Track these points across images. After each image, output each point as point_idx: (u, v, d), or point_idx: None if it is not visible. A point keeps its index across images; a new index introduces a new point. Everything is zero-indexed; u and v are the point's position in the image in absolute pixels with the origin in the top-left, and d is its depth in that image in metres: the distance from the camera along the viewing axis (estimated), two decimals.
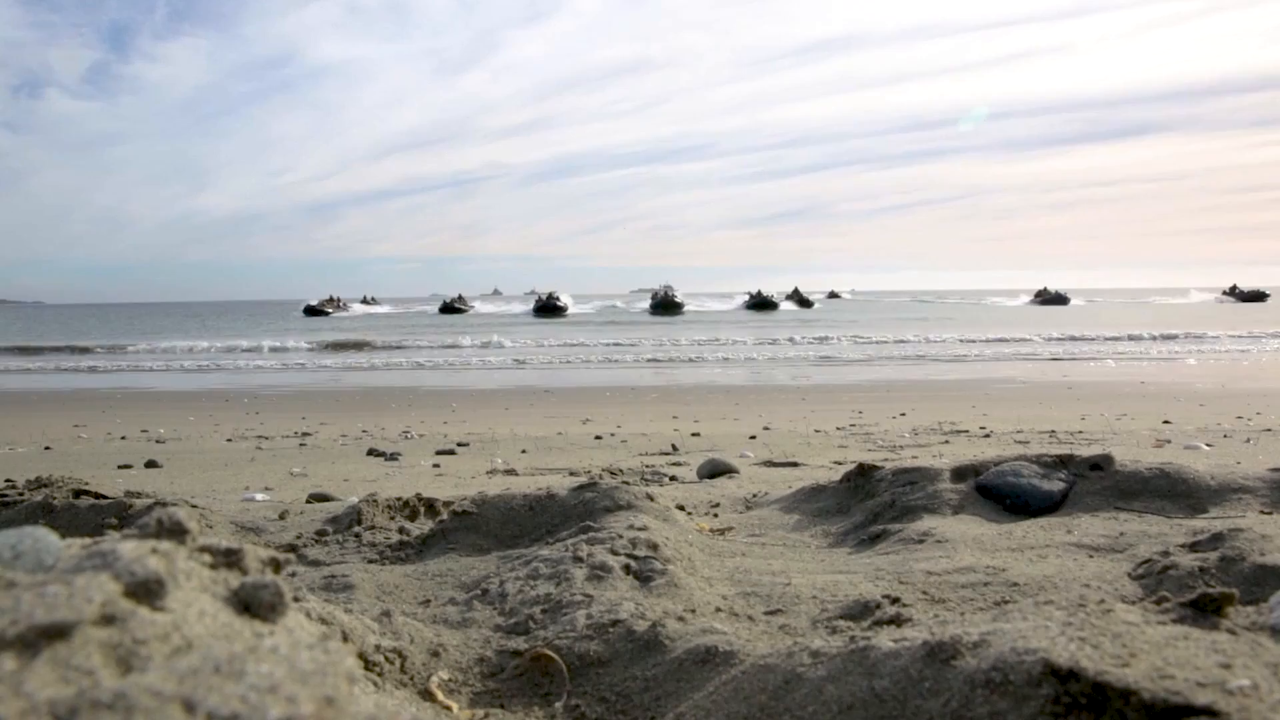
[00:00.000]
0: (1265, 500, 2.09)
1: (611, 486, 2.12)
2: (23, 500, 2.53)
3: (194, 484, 4.22)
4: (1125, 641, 0.85)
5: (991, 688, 0.83)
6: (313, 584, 1.74)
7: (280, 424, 8.39)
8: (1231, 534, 1.58)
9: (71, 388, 15.11)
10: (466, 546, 2.00)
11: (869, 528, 2.13)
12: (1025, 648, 0.86)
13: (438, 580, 1.77)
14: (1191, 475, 2.20)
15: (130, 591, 0.64)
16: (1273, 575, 1.40)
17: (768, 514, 2.44)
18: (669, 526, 1.97)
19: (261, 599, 0.72)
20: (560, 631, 1.39)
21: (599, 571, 1.61)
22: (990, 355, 18.97)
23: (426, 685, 1.26)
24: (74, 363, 21.42)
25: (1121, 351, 19.21)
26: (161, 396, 13.44)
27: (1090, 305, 56.91)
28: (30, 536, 0.72)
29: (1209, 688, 0.76)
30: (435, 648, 1.36)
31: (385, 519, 2.21)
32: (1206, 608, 0.99)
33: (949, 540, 1.89)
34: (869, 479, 2.44)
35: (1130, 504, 2.13)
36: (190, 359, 22.20)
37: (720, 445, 5.67)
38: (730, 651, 1.22)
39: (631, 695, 1.22)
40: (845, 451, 5.22)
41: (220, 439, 7.08)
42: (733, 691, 1.09)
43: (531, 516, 2.09)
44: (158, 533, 0.75)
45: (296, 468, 4.92)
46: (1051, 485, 2.22)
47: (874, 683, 0.93)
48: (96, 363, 21.54)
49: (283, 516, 2.48)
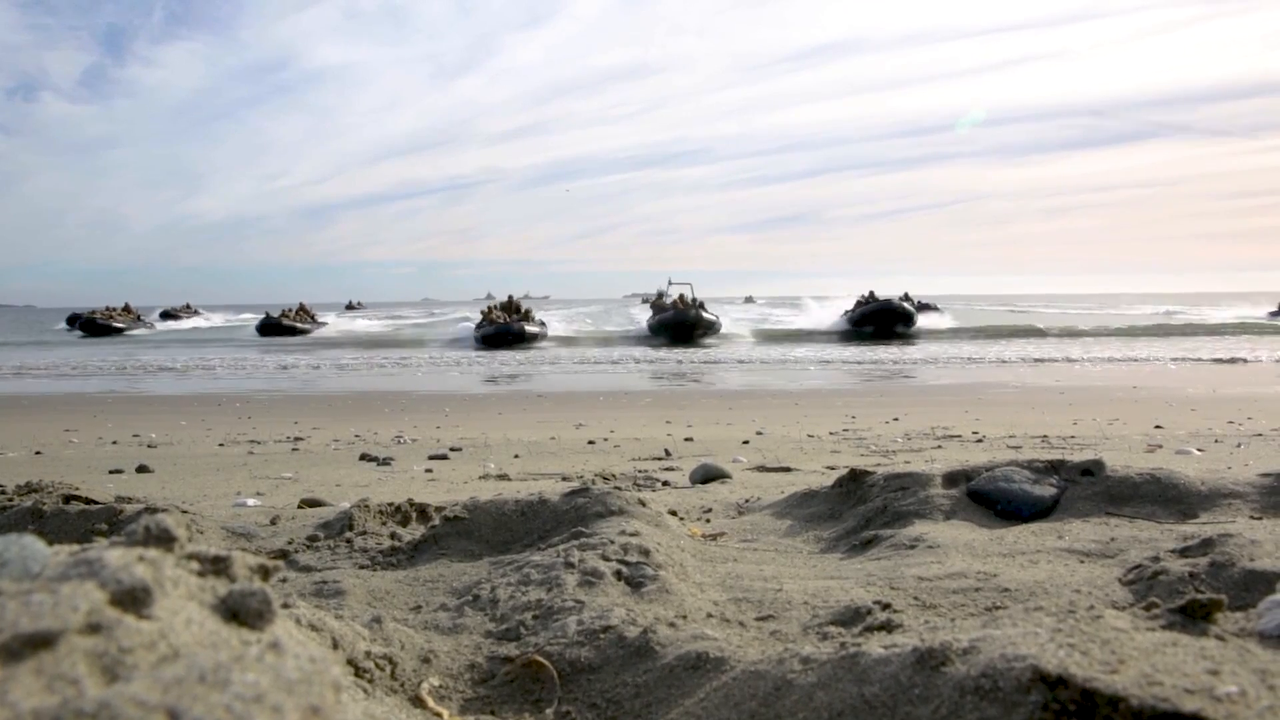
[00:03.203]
0: (1255, 505, 2.10)
1: (603, 492, 2.12)
2: (12, 506, 2.51)
3: (185, 489, 4.20)
4: (1114, 648, 0.86)
5: (981, 695, 0.83)
6: (303, 590, 1.73)
7: (272, 428, 8.36)
8: (1221, 539, 1.59)
9: (63, 392, 15.04)
10: (458, 552, 2.00)
11: (861, 533, 2.14)
12: (1015, 654, 0.86)
13: (429, 586, 1.77)
14: (1182, 480, 2.21)
15: (116, 600, 0.64)
16: (1262, 581, 1.41)
17: (760, 519, 2.44)
18: (661, 532, 1.97)
19: (249, 607, 0.72)
20: (551, 638, 1.39)
21: (590, 577, 1.61)
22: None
23: (417, 692, 1.26)
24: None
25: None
26: (153, 401, 13.39)
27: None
28: (17, 544, 0.72)
29: (1197, 694, 0.76)
30: (426, 654, 1.36)
31: (377, 524, 2.21)
32: (1196, 614, 1.00)
33: (940, 546, 1.89)
34: (861, 484, 2.45)
35: (1121, 509, 2.13)
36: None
37: (713, 450, 5.67)
38: (721, 658, 1.22)
39: (622, 702, 1.22)
40: (838, 456, 5.23)
41: (212, 443, 7.05)
42: (723, 698, 1.08)
43: (523, 522, 2.09)
44: (145, 540, 0.75)
45: (288, 473, 4.90)
46: (1043, 491, 2.22)
47: (864, 689, 0.93)
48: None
49: (274, 522, 2.48)
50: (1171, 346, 23.06)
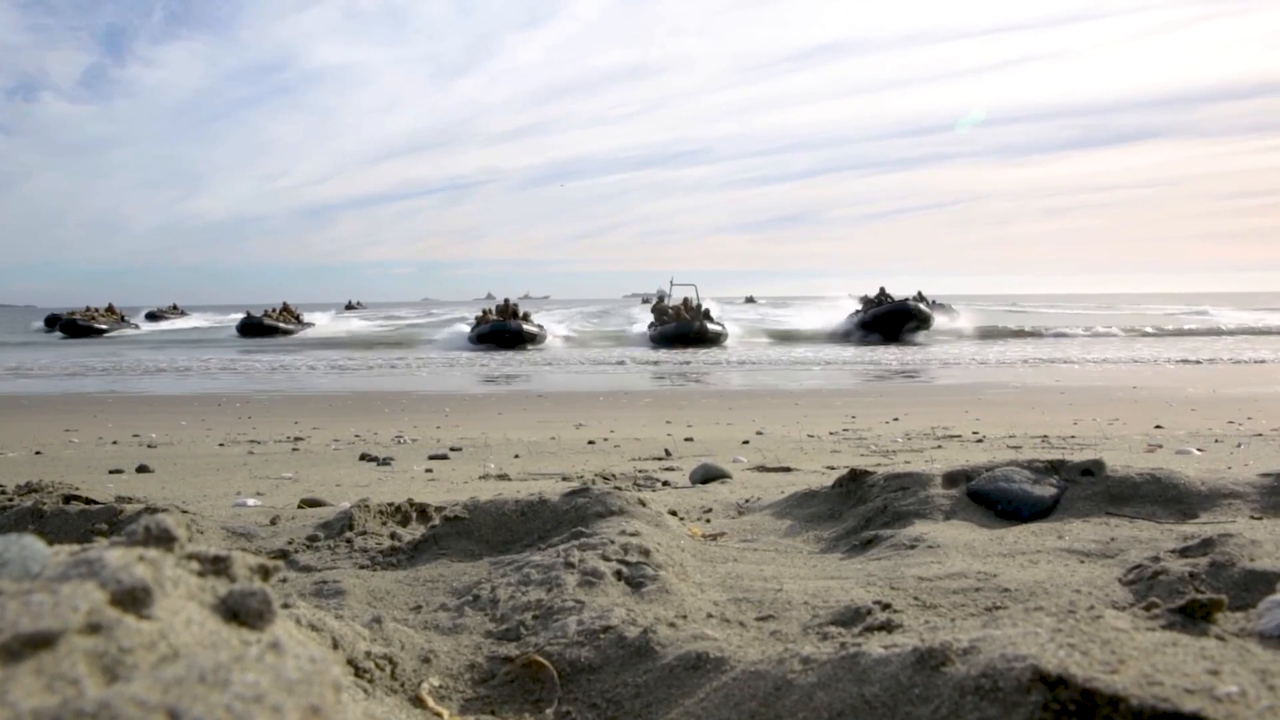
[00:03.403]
0: (1255, 505, 2.10)
1: (604, 492, 2.12)
2: (12, 506, 2.51)
3: (185, 489, 4.20)
4: (1114, 648, 0.86)
5: (981, 695, 0.83)
6: (304, 590, 1.73)
7: (272, 428, 8.36)
8: (1221, 539, 1.59)
9: (63, 391, 15.04)
10: (458, 552, 2.00)
11: (861, 533, 2.14)
12: (1015, 654, 0.86)
13: (429, 586, 1.77)
14: (1182, 480, 2.21)
15: (116, 600, 0.64)
16: (1262, 581, 1.41)
17: (760, 519, 2.44)
18: (661, 532, 1.97)
19: (249, 607, 0.72)
20: (551, 638, 1.39)
21: (590, 577, 1.61)
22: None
23: (417, 692, 1.26)
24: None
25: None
26: (154, 400, 13.39)
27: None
28: (17, 544, 0.72)
29: (1197, 694, 0.76)
30: (426, 654, 1.36)
31: (377, 524, 2.21)
32: (1196, 614, 1.00)
33: (941, 546, 1.89)
34: (861, 484, 2.45)
35: (1121, 509, 2.13)
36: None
37: (713, 450, 5.67)
38: (721, 658, 1.22)
39: (622, 702, 1.22)
40: (838, 456, 5.23)
41: (212, 443, 7.05)
42: (723, 698, 1.08)
43: (523, 522, 2.09)
44: (145, 540, 0.75)
45: (288, 472, 4.90)
46: (1043, 491, 2.22)
47: (864, 689, 0.93)
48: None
49: (274, 522, 2.48)
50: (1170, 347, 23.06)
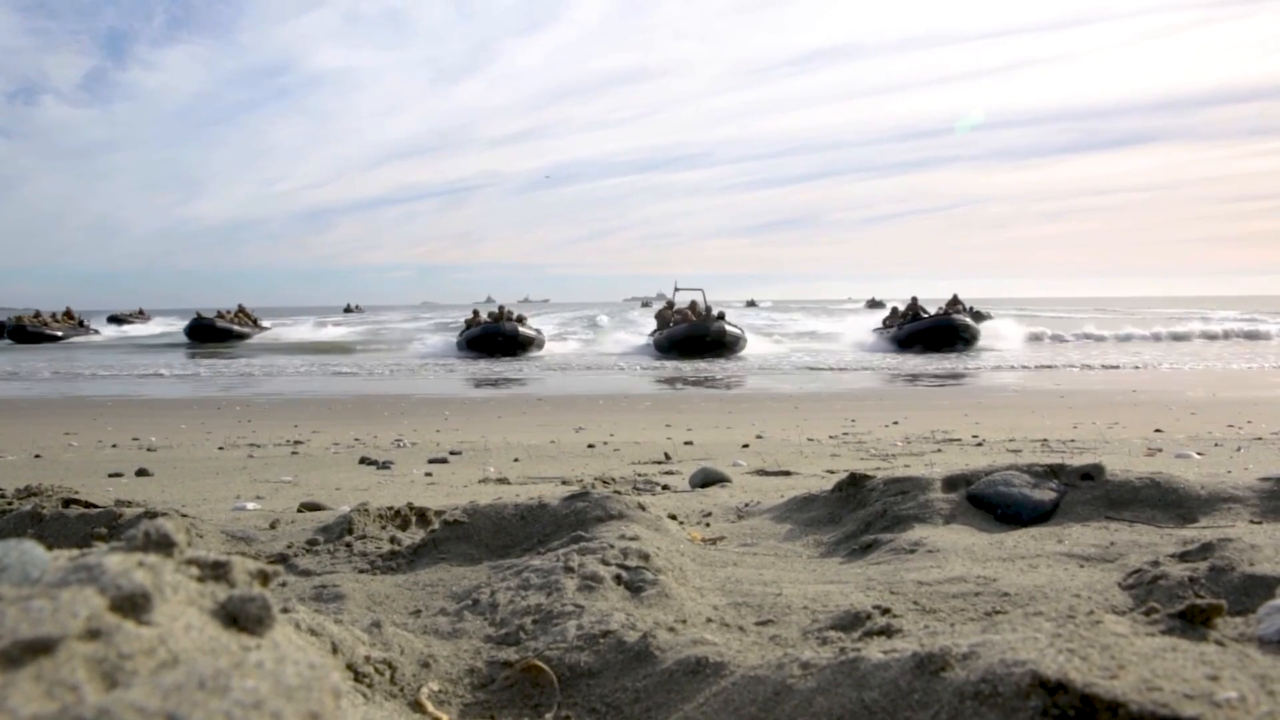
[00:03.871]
0: (1255, 510, 2.10)
1: (603, 496, 2.12)
2: (11, 509, 2.51)
3: (185, 492, 4.20)
4: (1114, 653, 0.86)
5: (980, 700, 0.83)
6: (303, 594, 1.73)
7: (272, 432, 8.36)
8: (1221, 544, 1.59)
9: (62, 395, 15.04)
10: (458, 556, 2.00)
11: (860, 537, 2.13)
12: (1014, 659, 0.86)
13: (429, 590, 1.77)
14: (1182, 485, 2.21)
15: (116, 605, 0.64)
16: (1262, 586, 1.41)
17: (759, 523, 2.44)
18: (660, 536, 1.97)
19: (249, 612, 0.72)
20: (551, 642, 1.38)
21: (590, 582, 1.61)
22: None
23: (416, 697, 1.25)
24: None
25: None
26: (153, 404, 13.38)
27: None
28: (16, 549, 0.72)
29: (1196, 700, 0.76)
30: (425, 658, 1.36)
31: (376, 528, 2.21)
32: (1195, 619, 1.00)
33: (940, 550, 1.89)
34: (860, 488, 2.45)
35: (1121, 513, 2.13)
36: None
37: (713, 454, 5.67)
38: (721, 663, 1.22)
39: (622, 706, 1.22)
40: (838, 460, 5.23)
41: (212, 447, 7.05)
42: (723, 703, 1.08)
43: (523, 526, 2.09)
44: (145, 545, 0.75)
45: (288, 476, 4.90)
46: (1043, 495, 2.22)
47: (863, 694, 0.93)
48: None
49: (273, 526, 2.48)
50: (1169, 350, 23.07)
